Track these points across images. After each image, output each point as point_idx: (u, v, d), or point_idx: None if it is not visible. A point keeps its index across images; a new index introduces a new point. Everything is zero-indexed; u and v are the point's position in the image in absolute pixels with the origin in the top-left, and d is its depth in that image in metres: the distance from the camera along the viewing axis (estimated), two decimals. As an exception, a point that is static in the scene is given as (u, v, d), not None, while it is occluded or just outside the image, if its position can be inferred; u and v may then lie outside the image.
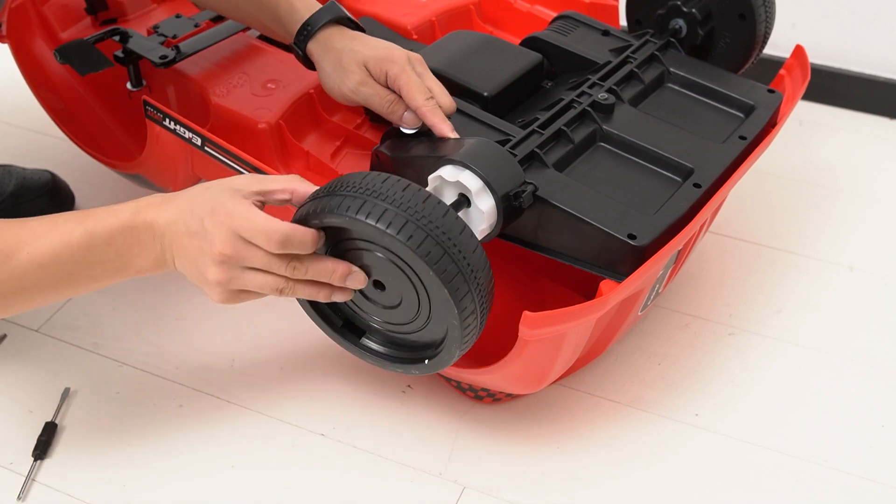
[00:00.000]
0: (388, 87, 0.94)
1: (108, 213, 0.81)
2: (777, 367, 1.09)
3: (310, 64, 0.99)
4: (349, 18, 0.99)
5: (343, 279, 0.79)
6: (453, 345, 0.79)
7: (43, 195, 1.26)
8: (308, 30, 0.97)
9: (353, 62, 0.94)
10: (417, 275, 0.76)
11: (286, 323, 1.12)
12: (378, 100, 0.94)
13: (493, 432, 1.01)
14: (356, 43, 0.96)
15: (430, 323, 0.80)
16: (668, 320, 1.15)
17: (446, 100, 0.94)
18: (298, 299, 0.85)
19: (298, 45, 0.98)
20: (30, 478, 0.96)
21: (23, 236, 0.79)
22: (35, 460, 0.98)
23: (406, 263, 0.76)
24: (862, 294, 1.19)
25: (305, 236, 0.77)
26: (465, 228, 0.74)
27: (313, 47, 0.97)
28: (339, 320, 0.87)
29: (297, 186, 0.81)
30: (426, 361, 0.83)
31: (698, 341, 1.12)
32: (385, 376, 1.07)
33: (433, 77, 0.95)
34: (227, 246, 0.76)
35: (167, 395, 1.05)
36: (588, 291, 0.85)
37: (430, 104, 0.92)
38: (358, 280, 0.79)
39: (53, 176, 1.29)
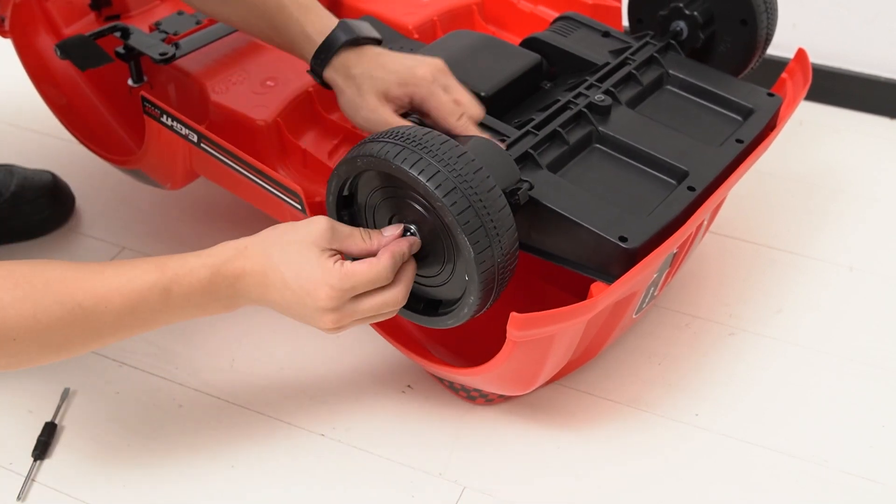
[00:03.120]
0: (411, 108, 0.92)
1: (187, 271, 0.81)
2: (777, 367, 1.09)
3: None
4: (365, 37, 0.93)
5: (409, 279, 0.83)
6: (465, 308, 0.83)
7: (44, 196, 1.26)
8: (322, 57, 0.92)
9: (370, 90, 0.90)
10: (452, 237, 0.80)
11: (286, 323, 1.12)
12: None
13: (493, 432, 1.01)
14: (375, 68, 0.91)
15: (451, 279, 0.84)
16: (668, 320, 1.15)
17: (476, 110, 0.91)
18: None
19: (316, 74, 0.94)
20: (30, 478, 0.96)
21: (100, 289, 0.79)
22: (35, 460, 0.98)
23: (444, 225, 0.80)
24: (862, 294, 1.19)
25: (403, 245, 0.82)
26: (505, 206, 0.80)
27: (331, 76, 0.93)
28: None
29: (373, 247, 0.82)
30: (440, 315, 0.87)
31: (698, 341, 1.12)
32: (385, 376, 1.07)
33: (459, 87, 0.92)
34: (332, 299, 0.79)
35: (167, 395, 1.05)
36: (584, 293, 0.85)
37: (462, 123, 0.90)
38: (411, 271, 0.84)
39: (54, 177, 1.29)
